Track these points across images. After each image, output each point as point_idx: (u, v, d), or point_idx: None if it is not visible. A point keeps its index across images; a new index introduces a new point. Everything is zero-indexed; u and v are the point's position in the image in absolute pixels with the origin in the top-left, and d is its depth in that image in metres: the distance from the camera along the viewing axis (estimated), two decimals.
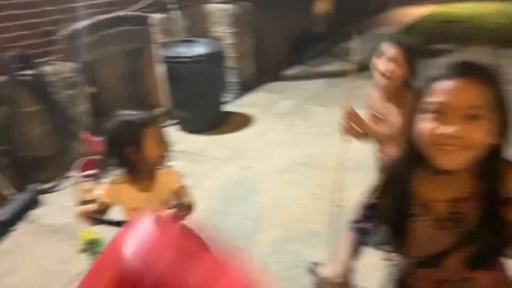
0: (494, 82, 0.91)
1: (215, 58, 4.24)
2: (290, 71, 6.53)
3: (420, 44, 7.58)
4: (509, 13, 10.65)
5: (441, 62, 0.94)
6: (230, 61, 5.13)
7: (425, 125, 0.92)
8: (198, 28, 5.07)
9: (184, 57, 4.09)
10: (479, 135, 0.88)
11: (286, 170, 3.49)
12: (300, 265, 2.36)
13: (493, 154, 0.93)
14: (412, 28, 9.51)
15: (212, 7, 5.21)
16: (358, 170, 3.36)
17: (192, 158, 3.79)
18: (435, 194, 1.01)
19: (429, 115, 0.91)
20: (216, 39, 5.06)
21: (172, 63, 4.15)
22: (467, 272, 1.02)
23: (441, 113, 0.89)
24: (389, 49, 1.89)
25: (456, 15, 10.95)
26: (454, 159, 0.90)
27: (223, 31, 5.21)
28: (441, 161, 0.91)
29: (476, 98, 0.88)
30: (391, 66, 1.87)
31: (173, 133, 4.37)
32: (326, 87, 5.61)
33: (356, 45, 2.05)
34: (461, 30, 8.92)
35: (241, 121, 4.62)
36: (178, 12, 4.67)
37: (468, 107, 0.88)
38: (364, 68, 2.14)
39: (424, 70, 1.99)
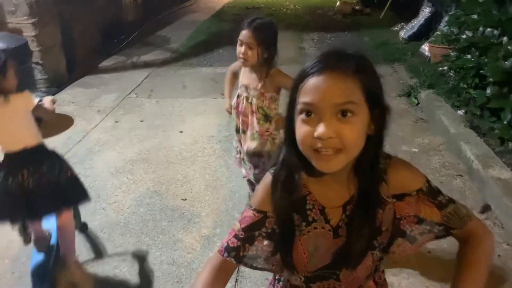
0: (366, 72, 0.84)
1: (18, 54, 3.65)
2: (106, 63, 6.11)
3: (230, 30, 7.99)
4: (303, 0, 12.01)
5: (312, 54, 0.91)
6: (34, 56, 4.52)
7: (300, 128, 0.84)
8: None
9: None
10: (353, 133, 0.81)
11: (120, 170, 3.27)
12: (156, 269, 2.28)
13: (371, 148, 0.87)
14: (219, 15, 9.92)
15: None
16: (196, 160, 3.40)
17: None
18: (328, 199, 0.94)
19: (302, 117, 0.83)
20: (14, 31, 4.37)
21: None
22: (363, 281, 0.99)
23: (312, 114, 0.82)
24: (242, 34, 2.11)
25: (256, 1, 11.84)
26: (332, 164, 0.83)
27: (21, 22, 4.52)
28: (320, 166, 0.84)
29: (344, 93, 0.80)
30: (244, 49, 2.10)
31: None
32: (148, 77, 5.45)
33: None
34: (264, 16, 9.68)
35: (58, 122, 4.12)
36: None
37: (336, 104, 0.80)
38: (183, 55, 2.27)
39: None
